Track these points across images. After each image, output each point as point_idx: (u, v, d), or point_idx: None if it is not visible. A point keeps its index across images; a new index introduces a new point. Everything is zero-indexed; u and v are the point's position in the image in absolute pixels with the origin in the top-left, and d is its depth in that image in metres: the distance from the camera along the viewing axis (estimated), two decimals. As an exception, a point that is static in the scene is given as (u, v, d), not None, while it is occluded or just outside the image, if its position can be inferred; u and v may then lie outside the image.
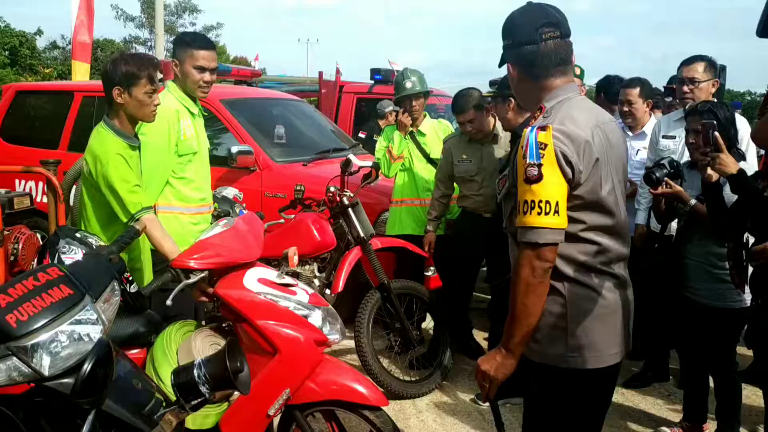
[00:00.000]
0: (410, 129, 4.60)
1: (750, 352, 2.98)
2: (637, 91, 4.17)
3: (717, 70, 3.72)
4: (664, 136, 3.92)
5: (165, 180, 3.23)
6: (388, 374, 3.95)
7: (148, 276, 3.06)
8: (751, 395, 4.04)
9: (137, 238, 2.49)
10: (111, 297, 1.74)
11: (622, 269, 2.01)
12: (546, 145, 1.81)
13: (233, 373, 1.61)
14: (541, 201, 1.80)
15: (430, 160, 4.58)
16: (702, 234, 3.18)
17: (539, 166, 1.80)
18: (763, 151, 5.09)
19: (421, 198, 4.58)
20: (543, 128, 1.83)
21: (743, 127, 3.43)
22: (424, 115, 4.69)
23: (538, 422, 2.07)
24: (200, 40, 3.38)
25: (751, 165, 3.31)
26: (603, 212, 1.90)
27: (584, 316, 1.92)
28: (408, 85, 4.52)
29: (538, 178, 1.80)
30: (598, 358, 1.94)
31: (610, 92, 4.90)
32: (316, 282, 4.16)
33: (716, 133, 2.63)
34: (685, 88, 3.68)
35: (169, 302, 2.31)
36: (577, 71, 4.17)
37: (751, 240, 2.70)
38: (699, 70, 3.64)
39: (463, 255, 4.21)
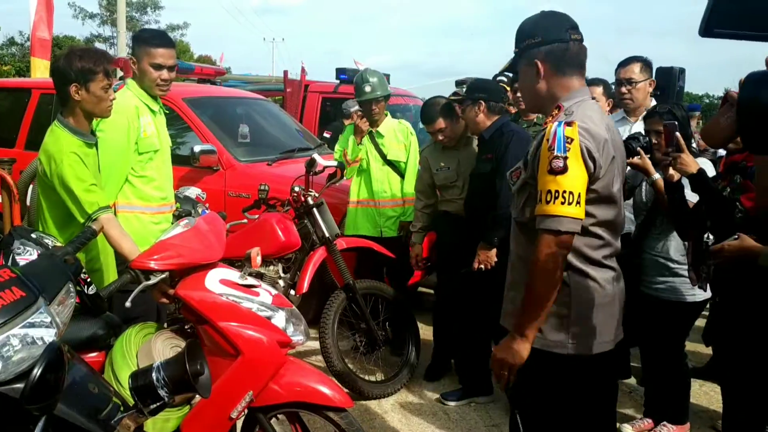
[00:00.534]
0: (369, 130, 4.56)
1: (705, 349, 3.04)
2: (600, 90, 4.23)
3: (651, 71, 3.80)
4: None
5: (124, 178, 3.16)
6: (354, 375, 3.93)
7: (110, 277, 3.00)
8: (710, 392, 4.12)
9: (95, 239, 2.43)
10: (66, 299, 1.69)
11: (616, 263, 2.14)
12: (572, 140, 1.94)
13: (193, 375, 1.58)
14: (565, 191, 1.92)
15: (388, 162, 4.54)
16: (660, 228, 3.24)
17: (565, 158, 1.92)
18: (723, 152, 5.19)
19: (375, 199, 4.53)
20: (569, 124, 1.95)
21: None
22: (386, 115, 4.64)
23: (539, 409, 2.14)
24: (157, 37, 3.31)
25: (703, 163, 3.38)
26: (611, 208, 2.05)
27: (586, 305, 2.05)
28: (367, 89, 4.46)
29: (564, 169, 1.92)
30: (597, 344, 2.07)
31: None
32: (281, 283, 4.12)
33: (678, 134, 2.70)
34: (623, 89, 3.76)
35: (128, 304, 2.26)
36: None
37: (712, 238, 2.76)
38: (635, 70, 3.71)
39: (449, 260, 4.15)
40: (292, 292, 4.05)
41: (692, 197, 2.83)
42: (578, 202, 1.92)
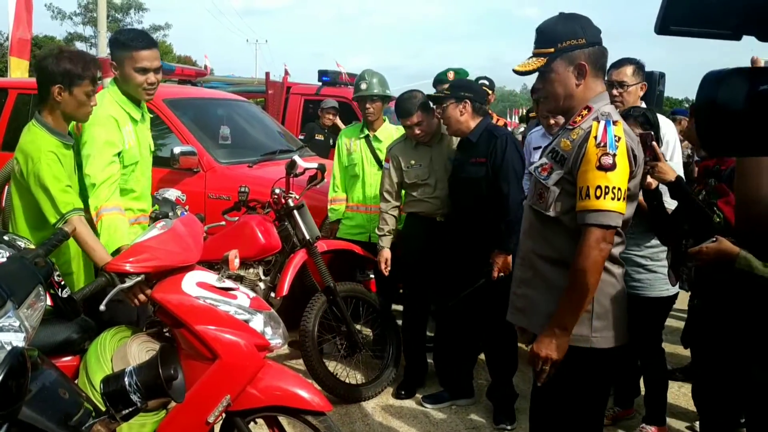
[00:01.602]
0: (366, 133, 4.52)
1: (684, 351, 3.06)
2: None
3: (644, 74, 3.80)
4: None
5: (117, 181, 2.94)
6: (334, 378, 3.91)
7: (84, 280, 2.95)
8: (689, 393, 4.14)
9: (67, 242, 2.39)
10: (36, 303, 1.66)
11: None
12: (620, 138, 2.04)
13: (166, 380, 1.55)
14: (614, 187, 2.00)
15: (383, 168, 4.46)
16: (635, 230, 3.27)
17: (614, 155, 2.01)
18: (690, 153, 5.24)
19: (367, 204, 4.46)
20: (615, 123, 2.06)
21: (669, 130, 3.51)
22: (383, 120, 4.58)
23: (559, 403, 2.20)
24: (139, 39, 3.05)
25: (676, 164, 3.40)
26: (632, 206, 2.16)
27: (607, 300, 2.14)
28: (363, 86, 4.41)
29: (613, 166, 2.00)
30: (616, 338, 2.16)
31: None
32: (261, 285, 4.09)
33: (654, 143, 2.73)
34: (615, 91, 3.73)
35: (102, 307, 2.23)
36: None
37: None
38: (628, 73, 3.69)
39: (416, 263, 4.05)
40: (273, 294, 4.02)
41: (671, 203, 2.85)
42: (621, 199, 2.02)
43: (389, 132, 4.54)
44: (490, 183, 3.58)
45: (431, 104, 3.99)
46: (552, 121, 4.06)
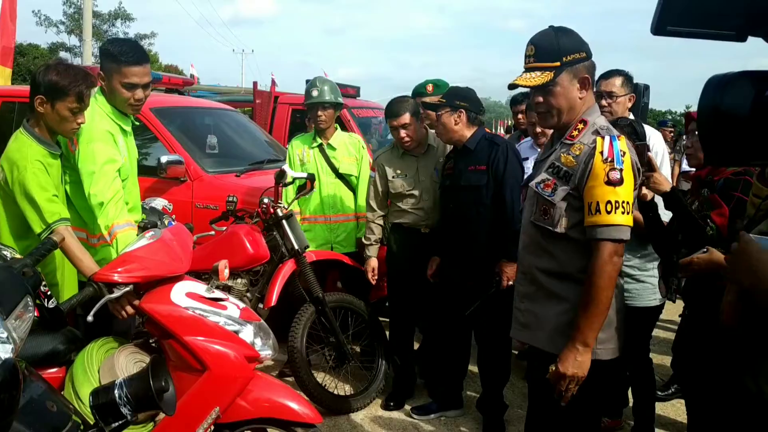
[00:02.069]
0: (320, 142, 4.45)
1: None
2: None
3: (633, 86, 3.82)
4: None
5: (122, 197, 2.86)
6: (323, 389, 3.88)
7: (69, 291, 2.91)
8: (677, 403, 4.16)
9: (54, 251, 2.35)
10: (24, 314, 1.62)
11: None
12: (625, 153, 2.08)
13: (157, 392, 1.53)
14: (624, 201, 2.05)
15: (340, 176, 4.42)
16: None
17: (621, 170, 2.05)
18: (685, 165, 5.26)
19: (327, 214, 4.42)
20: (619, 137, 2.10)
21: (658, 141, 3.54)
22: (335, 128, 4.52)
23: (558, 415, 2.20)
24: (130, 53, 2.90)
25: (665, 175, 3.43)
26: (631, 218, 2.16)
27: (612, 312, 2.14)
28: (314, 93, 4.35)
29: (620, 181, 2.05)
30: (618, 349, 2.22)
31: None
32: (249, 296, 4.05)
33: (650, 154, 2.76)
34: (604, 102, 3.74)
35: (90, 318, 2.19)
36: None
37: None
38: (617, 84, 3.71)
39: (401, 274, 4.04)
40: (261, 305, 3.98)
41: (665, 214, 2.86)
42: (629, 212, 2.07)
43: (342, 139, 4.51)
44: (491, 191, 3.54)
45: (422, 111, 3.99)
46: (539, 130, 4.08)
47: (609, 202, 2.04)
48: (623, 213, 2.05)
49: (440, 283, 3.84)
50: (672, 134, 9.96)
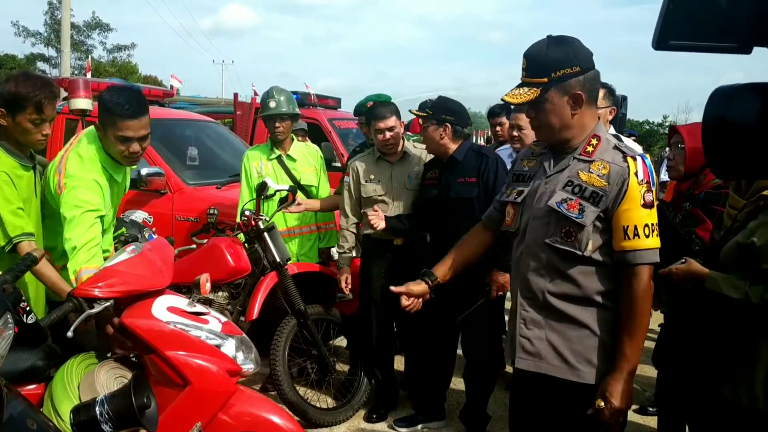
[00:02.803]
0: (278, 153, 4.41)
1: (652, 371, 3.09)
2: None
3: (614, 98, 3.85)
4: None
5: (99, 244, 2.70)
6: (305, 402, 3.86)
7: (40, 307, 2.86)
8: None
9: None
10: (3, 330, 1.60)
11: None
12: (653, 173, 2.02)
13: (139, 409, 1.52)
14: (655, 224, 1.99)
15: (300, 187, 4.37)
16: None
17: (652, 191, 1.99)
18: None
19: (289, 227, 4.38)
20: (647, 156, 2.03)
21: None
22: (291, 139, 4.48)
23: None
24: (125, 105, 2.71)
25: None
26: None
27: (612, 334, 2.04)
28: (272, 104, 4.29)
29: (653, 203, 1.99)
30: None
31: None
32: (230, 308, 4.03)
33: None
34: None
35: (70, 334, 2.16)
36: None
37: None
38: (599, 96, 3.70)
39: (375, 290, 3.98)
40: (242, 318, 3.96)
41: None
42: (658, 233, 2.01)
43: (301, 150, 4.47)
44: (482, 203, 3.47)
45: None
46: (516, 134, 4.13)
47: (647, 225, 1.97)
48: (657, 235, 2.00)
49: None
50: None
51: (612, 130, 3.83)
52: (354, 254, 4.13)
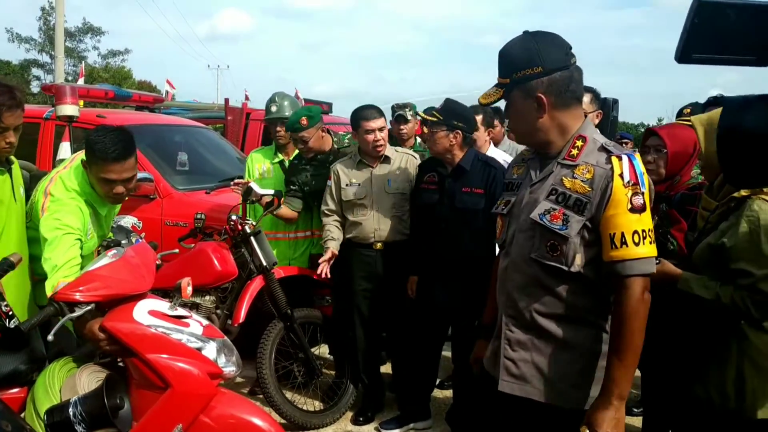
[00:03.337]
0: (281, 158, 4.49)
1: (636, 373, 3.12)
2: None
3: (600, 102, 3.87)
4: None
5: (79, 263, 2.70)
6: (291, 405, 3.88)
7: (24, 309, 2.88)
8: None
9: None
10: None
11: None
12: (643, 173, 1.82)
13: (112, 410, 1.55)
14: (649, 230, 1.80)
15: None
16: None
17: (644, 194, 1.80)
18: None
19: (286, 231, 4.43)
20: (635, 155, 1.83)
21: None
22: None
23: None
24: (111, 148, 2.70)
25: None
26: None
27: (606, 356, 1.89)
28: (273, 108, 4.39)
29: (644, 206, 1.80)
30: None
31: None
32: (218, 312, 4.05)
33: None
34: None
35: (50, 337, 2.19)
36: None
37: None
38: (585, 101, 3.70)
39: (356, 294, 3.99)
40: (230, 321, 3.98)
41: None
42: (653, 240, 1.82)
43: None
44: (488, 215, 3.23)
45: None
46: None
47: (636, 232, 1.77)
48: (650, 243, 1.79)
49: (418, 301, 3.83)
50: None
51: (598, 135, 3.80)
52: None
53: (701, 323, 2.28)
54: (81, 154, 2.90)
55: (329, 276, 3.88)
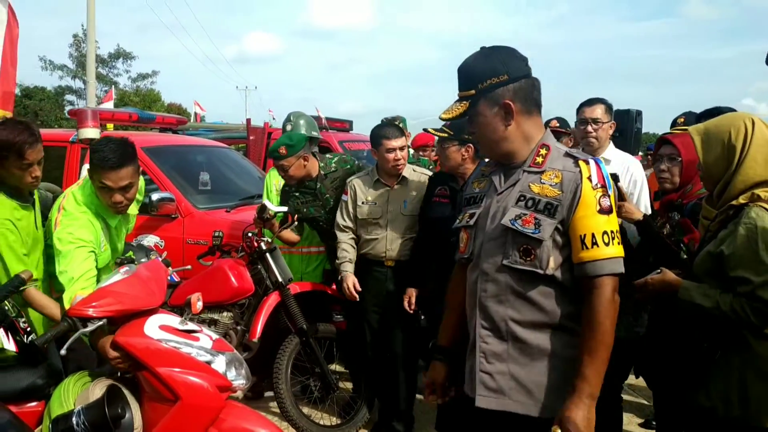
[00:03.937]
0: None
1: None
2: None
3: (612, 114, 3.87)
4: None
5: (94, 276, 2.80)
6: (307, 419, 3.92)
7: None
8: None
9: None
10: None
11: None
12: (608, 177, 1.91)
13: (113, 419, 1.61)
14: (616, 231, 1.87)
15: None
16: None
17: (610, 196, 1.87)
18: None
19: (299, 246, 4.48)
20: (601, 161, 1.92)
21: (637, 170, 3.59)
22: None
23: None
24: (107, 159, 2.78)
25: (644, 203, 3.49)
26: None
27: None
28: (288, 128, 4.46)
29: (610, 208, 1.87)
30: None
31: None
32: (237, 328, 4.11)
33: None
34: (589, 128, 3.64)
35: (63, 352, 2.27)
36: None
37: None
38: (600, 111, 3.68)
39: (368, 312, 4.02)
40: (247, 336, 4.04)
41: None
42: (620, 241, 1.88)
43: None
44: None
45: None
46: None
47: (605, 232, 1.83)
48: (618, 243, 1.85)
49: (428, 314, 3.85)
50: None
51: (612, 148, 3.78)
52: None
53: (703, 332, 2.28)
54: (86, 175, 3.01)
55: (360, 290, 3.91)
